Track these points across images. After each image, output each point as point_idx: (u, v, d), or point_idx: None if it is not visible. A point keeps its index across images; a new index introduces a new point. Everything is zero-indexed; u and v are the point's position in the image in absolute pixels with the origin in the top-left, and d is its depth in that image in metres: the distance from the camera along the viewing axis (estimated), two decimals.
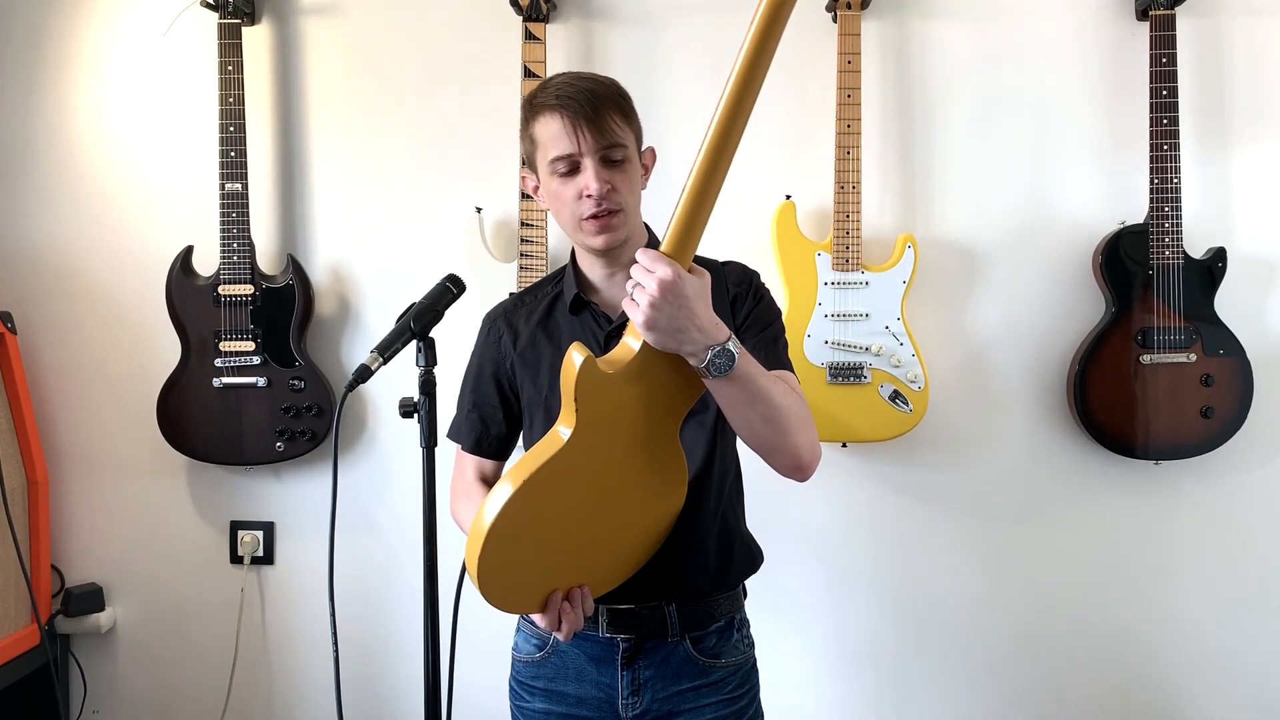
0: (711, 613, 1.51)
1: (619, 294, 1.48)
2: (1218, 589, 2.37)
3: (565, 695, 1.51)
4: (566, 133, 1.38)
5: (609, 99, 1.40)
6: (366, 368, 1.27)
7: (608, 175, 1.39)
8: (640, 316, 1.24)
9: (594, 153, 1.38)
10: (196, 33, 2.42)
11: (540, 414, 1.51)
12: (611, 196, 1.40)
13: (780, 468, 1.45)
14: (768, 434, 1.38)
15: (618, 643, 1.48)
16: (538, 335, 1.53)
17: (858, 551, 2.41)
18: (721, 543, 1.52)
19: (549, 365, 1.51)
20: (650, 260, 1.24)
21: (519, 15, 2.29)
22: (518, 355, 1.53)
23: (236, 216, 2.32)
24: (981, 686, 2.42)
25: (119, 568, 2.52)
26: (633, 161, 1.43)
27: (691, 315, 1.24)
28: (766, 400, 1.34)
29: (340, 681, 1.29)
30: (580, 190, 1.39)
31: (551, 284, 1.58)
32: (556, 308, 1.54)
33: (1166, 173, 2.21)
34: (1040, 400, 2.38)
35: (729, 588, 1.54)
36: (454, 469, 1.62)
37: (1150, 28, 2.22)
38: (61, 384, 2.50)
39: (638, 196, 1.47)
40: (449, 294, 1.38)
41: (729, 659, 1.52)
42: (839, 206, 2.24)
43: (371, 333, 2.46)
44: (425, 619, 1.29)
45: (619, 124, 1.40)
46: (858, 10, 2.24)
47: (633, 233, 1.47)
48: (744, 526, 1.59)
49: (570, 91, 1.38)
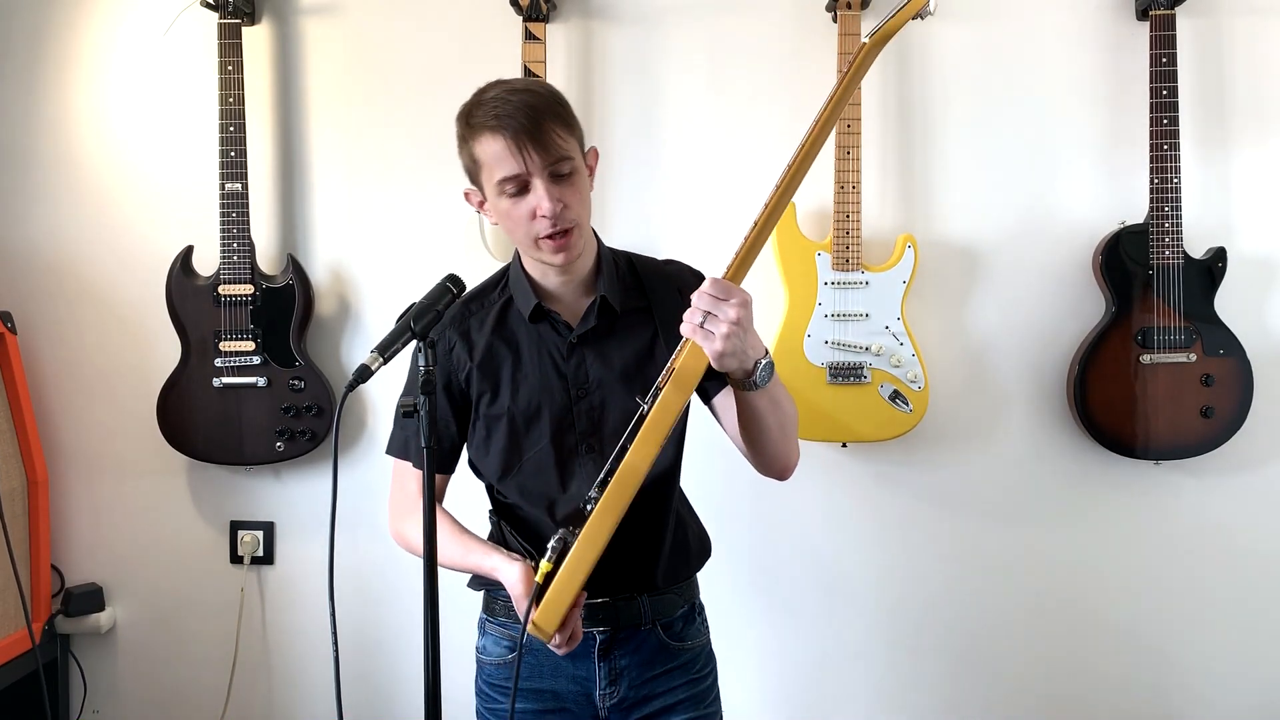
0: (677, 600, 1.56)
1: (575, 300, 1.51)
2: (1217, 589, 2.37)
3: (542, 692, 1.53)
4: (511, 153, 1.35)
5: (548, 111, 1.37)
6: (366, 368, 1.26)
7: (559, 192, 1.37)
8: (716, 346, 1.25)
9: (542, 171, 1.36)
10: (196, 32, 2.42)
11: (502, 426, 1.51)
12: (565, 214, 1.38)
13: (771, 471, 1.49)
14: (778, 440, 1.42)
15: (594, 635, 1.50)
16: (495, 344, 1.51)
17: (857, 551, 2.41)
18: (681, 535, 1.57)
19: (510, 375, 1.50)
20: (722, 290, 1.25)
21: (519, 15, 2.29)
22: (476, 366, 1.51)
23: (236, 216, 2.31)
24: (981, 686, 2.42)
25: (119, 568, 2.52)
26: (580, 172, 1.41)
27: (754, 337, 1.28)
28: (783, 408, 1.39)
29: (340, 681, 1.28)
30: (532, 210, 1.37)
31: (496, 289, 1.55)
32: (510, 315, 1.52)
33: (1166, 173, 2.21)
34: (1040, 400, 2.38)
35: (689, 576, 1.60)
36: (392, 484, 1.60)
37: (1150, 27, 2.22)
38: (61, 384, 2.50)
39: (589, 204, 1.45)
40: (449, 294, 1.37)
41: (693, 640, 1.58)
42: (839, 206, 2.24)
43: (371, 333, 2.46)
44: (425, 619, 1.29)
45: (561, 135, 1.37)
46: (858, 10, 2.24)
47: (588, 241, 1.48)
48: (695, 516, 1.64)
49: (508, 109, 1.35)
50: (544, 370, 1.49)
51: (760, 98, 2.38)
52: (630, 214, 2.39)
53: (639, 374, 1.47)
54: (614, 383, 1.48)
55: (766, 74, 2.37)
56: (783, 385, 1.42)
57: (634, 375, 1.47)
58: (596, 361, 1.49)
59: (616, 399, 1.48)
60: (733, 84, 2.38)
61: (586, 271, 1.50)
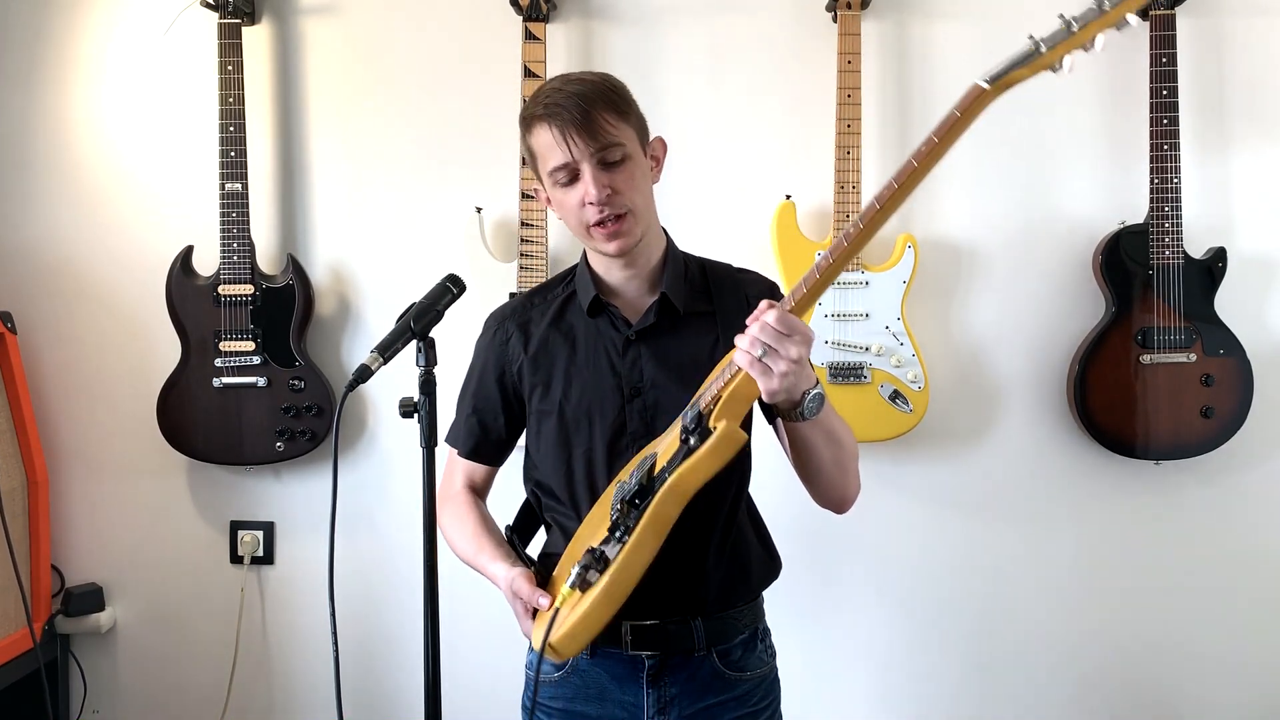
0: (736, 624, 1.47)
1: (637, 296, 1.47)
2: (1218, 588, 2.37)
3: (586, 715, 1.46)
4: (558, 142, 1.35)
5: (599, 98, 1.36)
6: (367, 368, 1.26)
7: (607, 179, 1.35)
8: (773, 385, 1.18)
9: (589, 158, 1.35)
10: (196, 32, 2.42)
11: (552, 422, 1.46)
12: (614, 200, 1.36)
13: (826, 503, 1.44)
14: (832, 473, 1.37)
15: (643, 660, 1.43)
16: (551, 337, 1.48)
17: (857, 551, 2.41)
18: (740, 552, 1.48)
19: (564, 370, 1.46)
20: (786, 324, 1.17)
21: (519, 15, 2.29)
22: (529, 358, 1.48)
23: (236, 216, 2.31)
24: (981, 686, 2.42)
25: (119, 567, 2.52)
26: (634, 159, 1.38)
27: (807, 369, 1.22)
28: (839, 442, 1.34)
29: (340, 681, 1.28)
30: (582, 198, 1.36)
31: (562, 284, 1.52)
32: (570, 309, 1.49)
33: (1166, 172, 2.21)
34: (1040, 400, 2.38)
35: (751, 597, 1.50)
36: (444, 473, 1.58)
37: (1150, 27, 2.22)
38: (61, 384, 2.50)
39: (646, 193, 1.41)
40: (449, 294, 1.37)
41: (753, 670, 1.48)
42: (839, 206, 2.24)
43: (371, 333, 2.46)
44: (425, 618, 1.29)
45: (612, 123, 1.36)
46: (858, 10, 2.24)
47: (647, 230, 1.42)
48: (762, 532, 1.55)
49: (558, 99, 1.35)
50: (598, 366, 1.45)
51: (760, 97, 2.38)
52: None
53: (696, 377, 1.36)
54: (669, 384, 1.42)
55: (767, 73, 2.37)
56: (840, 418, 1.36)
57: (691, 378, 1.37)
58: (652, 360, 1.44)
59: (671, 400, 1.40)
60: (733, 83, 2.38)
61: (651, 267, 1.46)
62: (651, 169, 1.44)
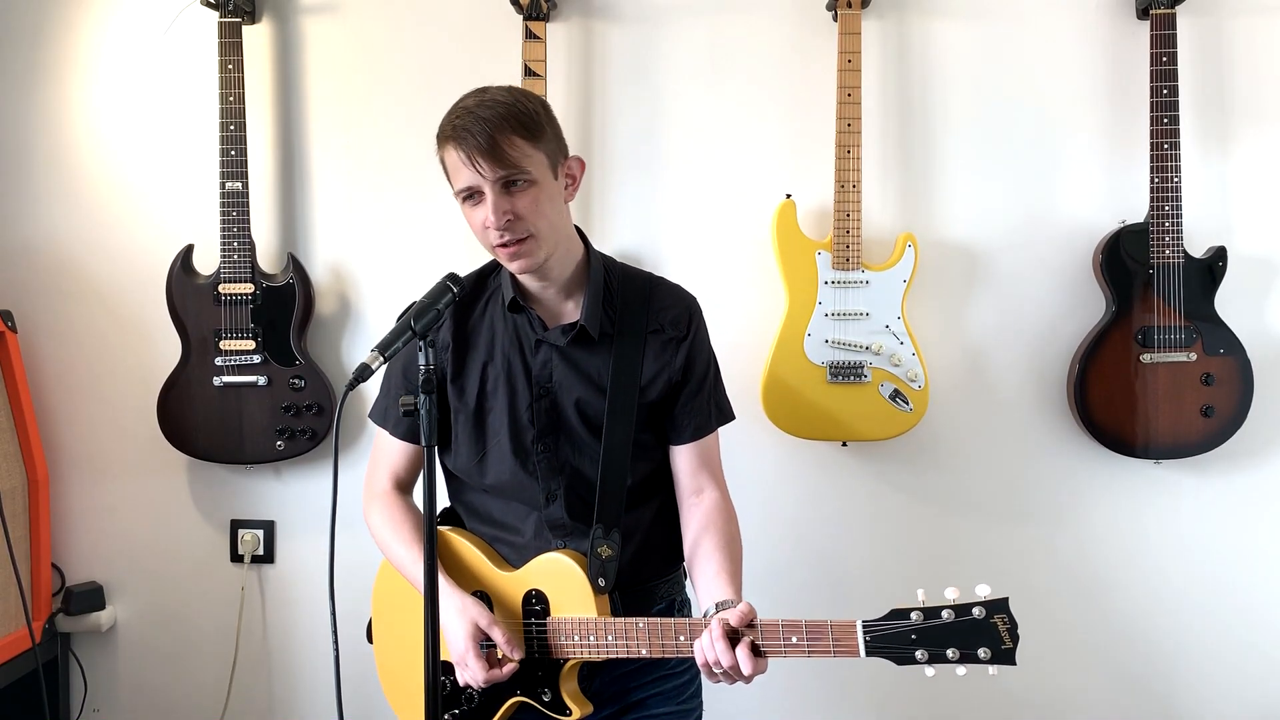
0: (653, 596, 1.57)
1: (554, 302, 1.53)
2: (1218, 588, 2.37)
3: None
4: (464, 163, 1.39)
5: (508, 122, 1.38)
6: (367, 366, 1.27)
7: (509, 204, 1.39)
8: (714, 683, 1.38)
9: (491, 184, 1.39)
10: (197, 31, 2.42)
11: (467, 412, 1.54)
12: (515, 225, 1.40)
13: None
14: None
15: None
16: (477, 328, 1.55)
17: (857, 551, 2.41)
18: (656, 532, 1.58)
19: (480, 363, 1.53)
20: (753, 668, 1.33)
21: (519, 14, 2.28)
22: (454, 347, 1.55)
23: (237, 215, 2.31)
24: (981, 685, 2.42)
25: (119, 566, 2.52)
26: (540, 184, 1.42)
27: None
28: None
29: (340, 680, 1.28)
30: (484, 220, 1.41)
31: (491, 276, 1.59)
32: (495, 303, 1.56)
33: (1167, 172, 2.21)
34: (1040, 399, 2.38)
35: (670, 572, 1.61)
36: (371, 453, 1.65)
37: (1151, 27, 2.22)
38: (61, 383, 2.50)
39: (552, 216, 1.44)
40: (449, 293, 1.38)
41: None
42: (839, 205, 2.24)
43: (371, 332, 2.46)
44: (425, 618, 1.29)
45: (520, 147, 1.39)
46: (858, 9, 2.24)
47: (556, 249, 1.47)
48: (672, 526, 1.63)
49: (467, 121, 1.39)
50: (512, 362, 1.53)
51: (761, 96, 2.38)
52: (630, 212, 2.39)
53: (598, 386, 1.50)
54: (575, 386, 1.51)
55: (767, 72, 2.37)
56: (726, 517, 1.55)
57: (593, 385, 1.50)
58: (563, 363, 1.52)
59: (573, 403, 1.51)
60: (733, 82, 2.38)
61: (566, 279, 1.53)
62: (567, 188, 1.49)
